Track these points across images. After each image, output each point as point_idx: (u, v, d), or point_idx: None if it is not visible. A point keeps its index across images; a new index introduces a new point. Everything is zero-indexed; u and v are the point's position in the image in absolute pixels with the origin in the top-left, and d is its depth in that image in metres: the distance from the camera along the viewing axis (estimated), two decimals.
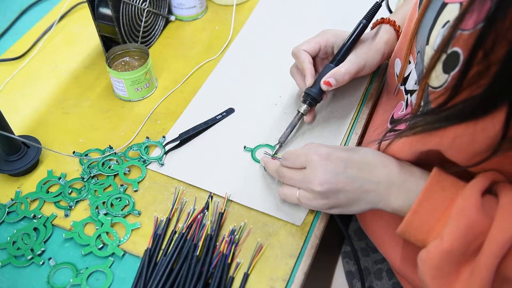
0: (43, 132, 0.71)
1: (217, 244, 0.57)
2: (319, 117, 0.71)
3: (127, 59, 0.77)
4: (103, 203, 0.61)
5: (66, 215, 0.61)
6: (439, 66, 0.47)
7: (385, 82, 0.73)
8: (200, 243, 0.56)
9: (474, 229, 0.44)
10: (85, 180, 0.64)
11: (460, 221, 0.45)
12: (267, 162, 0.62)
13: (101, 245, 0.58)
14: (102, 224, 0.59)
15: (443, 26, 0.48)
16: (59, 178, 0.64)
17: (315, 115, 0.70)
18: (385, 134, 0.55)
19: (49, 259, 0.57)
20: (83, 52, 0.84)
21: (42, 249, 0.58)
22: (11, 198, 0.63)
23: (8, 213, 0.61)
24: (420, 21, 0.55)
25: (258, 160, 0.66)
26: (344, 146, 0.67)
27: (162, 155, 0.66)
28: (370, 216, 0.68)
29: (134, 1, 0.79)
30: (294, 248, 0.57)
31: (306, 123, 0.69)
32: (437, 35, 0.49)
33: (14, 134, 0.63)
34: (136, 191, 0.63)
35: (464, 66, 0.42)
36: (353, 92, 0.74)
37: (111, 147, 0.68)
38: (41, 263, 0.57)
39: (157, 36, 0.87)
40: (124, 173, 0.64)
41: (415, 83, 0.58)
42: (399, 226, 0.50)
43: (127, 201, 0.62)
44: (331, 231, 0.71)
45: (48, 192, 0.63)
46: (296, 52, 0.66)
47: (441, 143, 0.48)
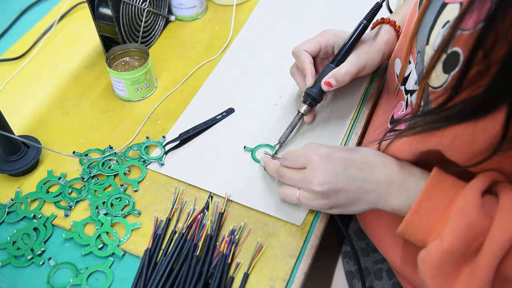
0: (43, 132, 0.71)
1: (217, 244, 0.57)
2: (319, 117, 0.71)
3: (127, 59, 0.77)
4: (103, 203, 0.61)
5: (66, 215, 0.61)
6: (439, 66, 0.47)
7: (385, 82, 0.73)
8: (200, 243, 0.56)
9: (474, 229, 0.44)
10: (85, 180, 0.64)
11: (460, 221, 0.45)
12: (267, 162, 0.62)
13: (101, 245, 0.58)
14: (102, 224, 0.59)
15: (443, 26, 0.48)
16: (59, 178, 0.64)
17: (315, 115, 0.70)
18: (385, 134, 0.55)
19: (49, 259, 0.57)
20: (83, 52, 0.84)
21: (42, 249, 0.58)
22: (11, 198, 0.63)
23: (8, 213, 0.61)
24: (420, 21, 0.55)
25: (258, 160, 0.66)
26: (344, 146, 0.67)
27: (162, 155, 0.66)
28: (370, 216, 0.68)
29: (134, 1, 0.79)
30: (294, 248, 0.57)
31: (306, 123, 0.69)
32: (437, 35, 0.49)
33: (14, 134, 0.63)
34: (136, 191, 0.63)
35: (464, 66, 0.42)
36: (353, 92, 0.74)
37: (111, 147, 0.68)
38: (41, 263, 0.57)
39: (157, 36, 0.87)
40: (124, 173, 0.64)
41: (415, 83, 0.58)
42: (399, 226, 0.50)
43: (127, 201, 0.62)
44: (331, 231, 0.71)
45: (48, 192, 0.63)
46: (296, 52, 0.66)
47: (441, 143, 0.48)
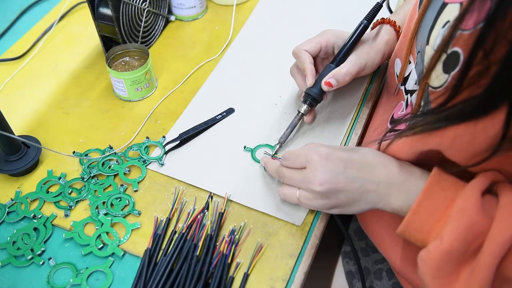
0: (43, 132, 0.71)
1: (217, 244, 0.57)
2: (319, 117, 0.71)
3: (127, 59, 0.77)
4: (103, 203, 0.61)
5: (66, 215, 0.61)
6: (439, 66, 0.47)
7: (385, 82, 0.73)
8: (200, 243, 0.56)
9: (474, 229, 0.44)
10: (85, 180, 0.64)
11: (460, 221, 0.45)
12: (267, 162, 0.62)
13: (101, 245, 0.58)
14: (102, 224, 0.59)
15: (443, 26, 0.48)
16: (59, 178, 0.64)
17: (315, 115, 0.70)
18: (385, 134, 0.55)
19: (49, 259, 0.57)
20: (83, 52, 0.84)
21: (42, 249, 0.58)
22: (11, 198, 0.63)
23: (8, 213, 0.61)
24: (420, 21, 0.55)
25: (258, 160, 0.66)
26: (344, 146, 0.67)
27: (162, 155, 0.66)
28: (370, 216, 0.68)
29: (134, 1, 0.79)
30: (294, 248, 0.57)
31: (306, 123, 0.69)
32: (437, 35, 0.49)
33: (14, 134, 0.63)
34: (136, 191, 0.63)
35: (464, 66, 0.42)
36: (353, 92, 0.74)
37: (111, 147, 0.68)
38: (41, 263, 0.57)
39: (157, 36, 0.87)
40: (124, 173, 0.64)
41: (415, 83, 0.58)
42: (399, 226, 0.50)
43: (127, 201, 0.62)
44: (331, 231, 0.71)
45: (48, 192, 0.63)
46: (297, 52, 0.66)
47: (441, 143, 0.48)
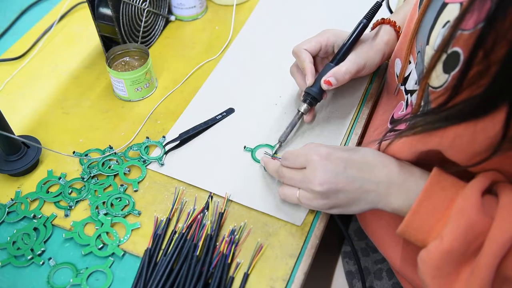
0: (43, 132, 0.71)
1: (217, 244, 0.57)
2: (319, 117, 0.71)
3: (127, 59, 0.77)
4: (103, 203, 0.61)
5: (66, 215, 0.61)
6: (439, 66, 0.47)
7: (385, 82, 0.73)
8: (200, 243, 0.56)
9: (474, 229, 0.44)
10: (85, 180, 0.64)
11: (460, 221, 0.45)
12: (267, 162, 0.62)
13: (101, 245, 0.58)
14: (102, 224, 0.59)
15: (444, 26, 0.48)
16: (59, 178, 0.64)
17: (315, 115, 0.70)
18: (385, 134, 0.55)
19: (49, 259, 0.57)
20: (83, 52, 0.84)
21: (42, 249, 0.58)
22: (11, 198, 0.63)
23: (8, 213, 0.61)
24: (420, 21, 0.55)
25: (258, 160, 0.66)
26: (344, 146, 0.67)
27: (162, 155, 0.66)
28: (370, 216, 0.68)
29: (134, 1, 0.79)
30: (294, 248, 0.57)
31: (306, 122, 0.69)
32: (437, 35, 0.49)
33: (14, 134, 0.63)
34: (136, 191, 0.63)
35: (465, 66, 0.42)
36: (353, 92, 0.74)
37: (111, 147, 0.68)
38: (41, 263, 0.57)
39: (157, 36, 0.87)
40: (124, 173, 0.64)
41: (415, 83, 0.58)
42: (399, 226, 0.50)
43: (127, 201, 0.62)
44: (331, 231, 0.71)
45: (48, 192, 0.63)
46: (297, 51, 0.66)
47: (441, 143, 0.48)
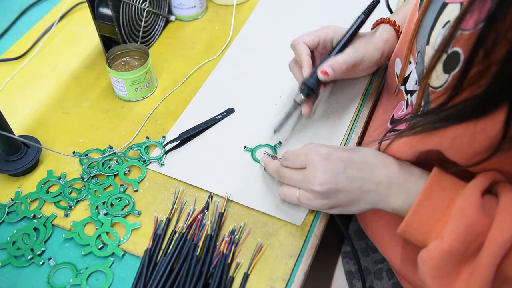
0: (43, 132, 0.71)
1: (217, 244, 0.57)
2: (319, 117, 0.71)
3: (127, 59, 0.77)
4: (103, 203, 0.61)
5: (66, 215, 0.61)
6: (439, 66, 0.47)
7: (385, 82, 0.73)
8: (200, 243, 0.56)
9: (474, 229, 0.44)
10: (85, 180, 0.64)
11: (460, 221, 0.45)
12: (267, 162, 0.62)
13: (101, 245, 0.58)
14: (102, 224, 0.59)
15: (444, 26, 0.48)
16: (59, 178, 0.64)
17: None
18: (385, 134, 0.55)
19: (49, 259, 0.57)
20: (83, 52, 0.84)
21: (42, 249, 0.58)
22: (11, 198, 0.63)
23: (8, 213, 0.61)
24: (421, 21, 0.55)
25: (258, 160, 0.66)
26: (344, 146, 0.67)
27: (162, 155, 0.66)
28: (370, 216, 0.68)
29: (134, 1, 0.79)
30: (294, 248, 0.57)
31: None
32: (437, 35, 0.49)
33: (14, 134, 0.63)
34: (136, 191, 0.63)
35: (465, 66, 0.42)
36: (353, 92, 0.74)
37: (111, 147, 0.68)
38: (41, 263, 0.57)
39: (157, 36, 0.87)
40: (124, 173, 0.64)
41: (416, 83, 0.58)
42: (399, 226, 0.50)
43: (127, 201, 0.62)
44: (331, 231, 0.71)
45: (48, 192, 0.63)
46: (295, 44, 0.66)
47: (441, 143, 0.48)
